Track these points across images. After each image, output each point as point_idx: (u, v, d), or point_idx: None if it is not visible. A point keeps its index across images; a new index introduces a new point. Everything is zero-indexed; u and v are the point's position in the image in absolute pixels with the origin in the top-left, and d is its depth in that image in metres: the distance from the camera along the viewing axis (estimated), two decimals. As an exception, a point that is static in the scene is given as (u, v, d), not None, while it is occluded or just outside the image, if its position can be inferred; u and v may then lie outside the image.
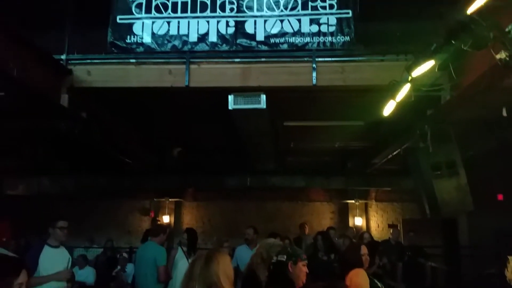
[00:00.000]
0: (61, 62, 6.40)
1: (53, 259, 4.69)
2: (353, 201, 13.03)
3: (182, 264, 5.72)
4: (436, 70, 4.55)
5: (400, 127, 7.07)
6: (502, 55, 3.29)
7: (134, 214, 13.70)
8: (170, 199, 13.32)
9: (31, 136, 8.17)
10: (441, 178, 5.94)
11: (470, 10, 3.20)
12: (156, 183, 12.13)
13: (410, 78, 4.58)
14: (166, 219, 13.19)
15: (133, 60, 6.43)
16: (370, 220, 13.39)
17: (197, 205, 13.85)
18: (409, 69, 4.43)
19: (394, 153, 8.31)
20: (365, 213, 13.33)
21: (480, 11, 3.27)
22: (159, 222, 12.59)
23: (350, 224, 12.82)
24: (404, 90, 4.88)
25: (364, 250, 4.13)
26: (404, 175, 9.14)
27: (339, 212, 13.51)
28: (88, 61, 6.50)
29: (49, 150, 9.41)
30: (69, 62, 6.44)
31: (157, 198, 13.33)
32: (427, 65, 4.29)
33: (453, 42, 3.57)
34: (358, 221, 12.95)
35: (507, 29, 3.50)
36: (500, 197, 9.19)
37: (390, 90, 5.08)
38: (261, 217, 12.29)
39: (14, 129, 7.36)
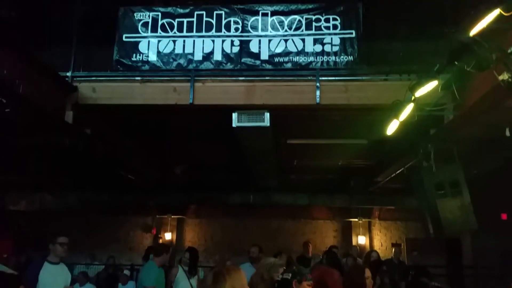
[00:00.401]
0: (67, 79, 6.47)
1: (53, 276, 4.66)
2: (356, 220, 12.94)
3: (184, 285, 5.68)
4: (439, 90, 4.57)
5: (404, 146, 7.07)
6: (504, 76, 3.31)
7: (136, 230, 13.64)
8: (172, 216, 13.26)
9: (35, 151, 8.19)
10: (444, 198, 5.91)
11: (473, 32, 3.24)
12: (158, 200, 12.11)
13: (413, 97, 4.60)
14: (168, 236, 13.11)
15: (138, 78, 6.51)
16: (374, 239, 13.27)
17: (199, 222, 13.78)
18: (413, 89, 4.46)
19: (398, 171, 8.29)
20: (369, 231, 13.22)
21: (482, 33, 3.31)
22: (160, 240, 12.53)
23: (354, 242, 12.70)
24: (408, 110, 4.90)
25: (368, 273, 4.08)
26: (408, 193, 9.10)
27: (342, 230, 13.41)
28: (93, 78, 6.58)
29: (53, 166, 9.43)
30: (75, 79, 6.52)
31: (160, 215, 13.27)
32: (430, 85, 4.31)
33: (456, 63, 3.59)
34: (362, 239, 12.83)
35: (509, 51, 3.53)
36: (504, 216, 9.12)
37: (393, 110, 5.10)
38: (263, 234, 12.21)
39: (19, 145, 7.39)
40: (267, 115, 6.11)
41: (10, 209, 12.10)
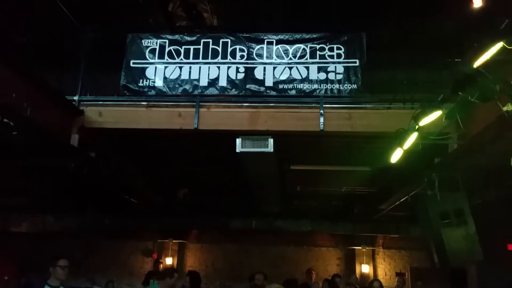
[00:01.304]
0: (74, 102, 6.56)
1: (52, 300, 4.61)
2: (360, 248, 12.77)
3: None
4: (444, 119, 4.60)
5: (408, 174, 7.05)
6: (509, 107, 3.34)
7: (136, 255, 13.49)
8: (173, 241, 13.14)
9: (39, 174, 8.22)
10: (449, 227, 5.85)
11: (477, 63, 3.28)
12: (160, 224, 12.03)
13: (417, 126, 4.62)
14: (168, 261, 12.96)
15: (144, 103, 6.58)
16: (378, 268, 13.05)
17: (201, 247, 13.64)
18: (417, 118, 4.49)
19: (402, 199, 8.24)
20: (373, 260, 13.02)
21: (486, 65, 3.35)
22: (161, 265, 12.38)
23: (357, 271, 12.50)
24: (412, 138, 4.92)
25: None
26: (412, 222, 9.02)
27: (345, 258, 13.22)
28: (100, 102, 6.67)
29: (56, 188, 9.43)
30: (81, 103, 6.61)
31: (161, 239, 13.16)
32: (435, 115, 4.34)
33: (460, 93, 3.63)
34: (365, 268, 12.63)
35: (513, 82, 3.57)
36: (510, 247, 8.97)
37: (397, 138, 5.12)
38: (266, 261, 12.05)
39: (23, 167, 7.43)
40: (270, 141, 6.14)
41: (12, 230, 12.04)
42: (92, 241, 12.88)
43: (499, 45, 3.06)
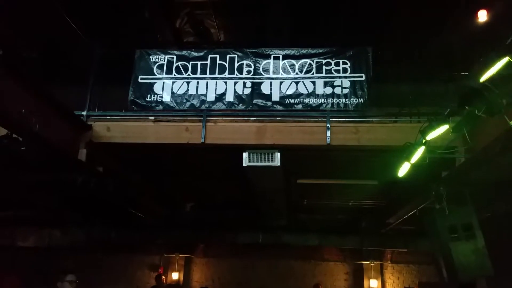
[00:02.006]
0: (82, 117, 6.62)
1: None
2: (368, 262, 12.62)
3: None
4: (450, 133, 4.59)
5: (415, 188, 7.02)
6: (516, 121, 3.33)
7: (143, 269, 13.42)
8: (180, 255, 13.08)
9: (46, 188, 8.27)
10: (458, 241, 5.79)
11: (483, 78, 3.30)
12: (167, 238, 11.99)
13: (424, 140, 4.61)
14: (175, 276, 12.87)
15: (152, 118, 6.64)
16: (386, 283, 12.87)
17: (207, 261, 13.55)
18: (424, 132, 4.49)
19: (410, 213, 8.17)
20: (381, 275, 12.85)
21: (492, 79, 3.36)
22: (164, 279, 12.29)
23: (365, 286, 12.34)
24: (419, 153, 4.91)
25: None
26: (421, 236, 8.94)
27: (353, 273, 13.05)
28: (108, 117, 6.73)
29: (63, 203, 9.47)
30: (89, 117, 6.67)
31: (167, 253, 13.10)
32: (441, 129, 4.34)
33: (466, 107, 3.63)
34: (374, 283, 12.45)
35: (519, 95, 3.57)
36: (521, 261, 8.83)
37: (404, 152, 5.11)
38: (273, 276, 11.95)
39: (30, 181, 7.48)
40: (277, 155, 6.16)
41: (19, 245, 12.06)
42: (98, 255, 12.84)
43: (504, 60, 3.07)
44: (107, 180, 7.14)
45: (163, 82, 6.85)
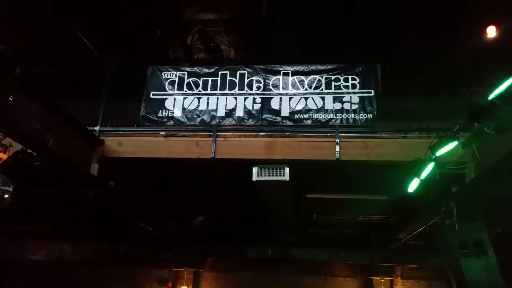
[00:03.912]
0: (94, 133, 6.73)
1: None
2: (378, 278, 12.49)
3: None
4: (460, 150, 4.61)
5: (425, 203, 6.99)
6: (525, 138, 3.35)
7: (152, 283, 13.42)
8: (189, 269, 13.06)
9: (58, 202, 8.37)
10: (469, 257, 5.74)
11: (492, 96, 3.33)
12: (176, 252, 12.00)
13: (434, 157, 4.63)
14: (183, 290, 12.84)
15: (163, 133, 6.73)
16: (396, 299, 12.72)
17: (216, 276, 13.50)
18: (433, 148, 4.51)
19: (420, 229, 8.12)
20: (391, 291, 12.70)
21: (501, 96, 3.39)
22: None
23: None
24: (428, 168, 4.92)
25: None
26: (431, 251, 8.85)
27: (363, 289, 12.93)
28: (120, 132, 6.83)
29: (74, 216, 9.55)
30: (102, 133, 6.78)
31: (176, 267, 13.09)
32: (451, 146, 4.36)
33: (475, 124, 3.66)
34: (384, 299, 12.32)
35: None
36: (534, 278, 8.68)
37: (414, 168, 5.12)
38: (281, 291, 11.87)
39: (42, 195, 7.57)
40: (287, 169, 6.19)
41: (29, 258, 12.14)
42: (108, 269, 12.88)
43: (512, 79, 3.12)
44: (118, 194, 7.21)
45: (174, 98, 6.96)
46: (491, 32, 6.50)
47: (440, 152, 4.53)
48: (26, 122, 5.12)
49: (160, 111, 6.91)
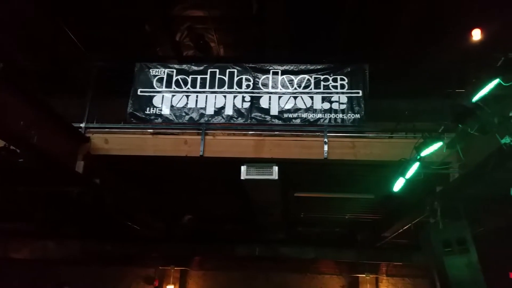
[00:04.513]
0: (80, 130, 6.65)
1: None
2: (363, 275, 12.62)
3: None
4: (444, 150, 4.69)
5: (410, 202, 7.09)
6: (507, 139, 3.43)
7: (138, 282, 13.33)
8: (175, 268, 13.01)
9: (42, 200, 8.26)
10: (451, 255, 5.85)
11: (476, 98, 3.40)
12: (162, 250, 11.95)
13: (419, 157, 4.71)
14: (170, 288, 12.79)
15: (150, 130, 6.69)
16: (381, 296, 12.87)
17: (203, 274, 13.47)
18: (418, 149, 4.58)
19: (405, 227, 8.23)
20: (376, 288, 12.85)
21: (485, 98, 3.47)
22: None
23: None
24: (414, 168, 4.99)
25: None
26: (416, 249, 8.97)
27: (349, 286, 13.01)
28: (106, 129, 6.77)
29: (59, 214, 9.45)
30: (88, 130, 6.70)
31: (163, 266, 13.03)
32: (435, 146, 4.44)
33: (460, 125, 3.74)
34: (369, 296, 12.45)
35: (511, 114, 3.68)
36: (512, 275, 8.88)
37: (399, 168, 5.20)
38: (269, 289, 11.91)
39: (26, 193, 7.48)
40: (275, 168, 6.22)
41: (12, 257, 11.96)
42: (93, 268, 12.75)
43: (496, 81, 3.18)
44: (104, 192, 7.15)
45: (163, 95, 6.91)
46: (476, 34, 6.62)
47: (425, 152, 4.61)
48: (10, 119, 5.04)
49: (148, 108, 6.86)
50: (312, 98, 6.70)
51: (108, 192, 7.34)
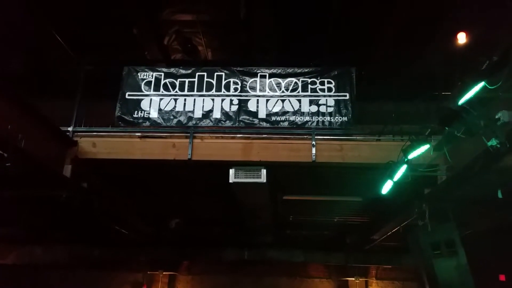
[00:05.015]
0: (68, 133, 6.59)
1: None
2: (353, 279, 12.66)
3: None
4: (431, 153, 4.73)
5: (399, 205, 7.13)
6: (493, 142, 3.46)
7: (126, 287, 13.22)
8: (164, 272, 12.92)
9: (29, 204, 8.15)
10: (440, 258, 5.90)
11: (461, 101, 3.43)
12: (150, 255, 11.86)
13: (406, 159, 4.73)
14: (159, 293, 12.70)
15: (138, 134, 6.64)
16: (371, 299, 12.92)
17: (191, 279, 13.41)
18: (406, 151, 4.61)
19: (394, 230, 8.27)
20: (366, 291, 12.89)
21: (470, 101, 3.50)
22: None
23: (351, 303, 12.36)
24: (401, 171, 5.02)
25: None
26: (405, 252, 9.01)
27: (338, 289, 13.08)
28: (94, 133, 6.71)
29: (46, 219, 9.32)
30: (75, 133, 6.64)
31: (151, 271, 12.93)
32: (423, 149, 4.47)
33: (446, 128, 3.77)
34: (358, 299, 12.49)
35: (496, 117, 3.72)
36: (502, 277, 8.97)
37: (387, 170, 5.22)
38: (258, 293, 11.88)
39: (13, 197, 7.37)
40: (263, 171, 6.22)
41: (-2, 262, 11.78)
42: (81, 272, 12.62)
43: (481, 84, 3.22)
44: (92, 196, 7.08)
45: (151, 99, 6.88)
46: (461, 38, 6.70)
47: (412, 155, 4.65)
48: (-3, 122, 4.97)
49: (136, 111, 6.81)
50: (299, 101, 6.73)
51: (96, 196, 7.25)
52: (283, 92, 6.81)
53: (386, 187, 5.69)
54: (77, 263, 12.19)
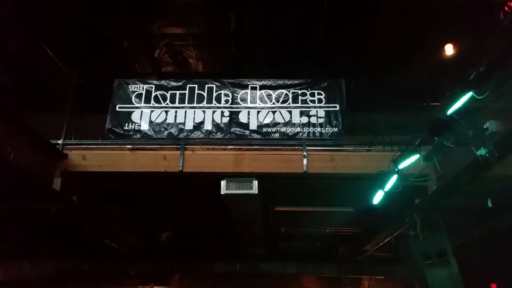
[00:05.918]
0: (57, 146, 6.52)
1: None
2: (346, 290, 12.60)
3: None
4: (421, 162, 4.76)
5: (390, 215, 7.15)
6: (482, 151, 3.51)
7: (116, 302, 13.00)
8: (155, 286, 12.74)
9: (18, 218, 8.03)
10: (432, 267, 5.91)
11: (450, 111, 3.48)
12: (141, 268, 11.71)
13: (396, 169, 4.76)
14: (150, 308, 12.50)
15: (129, 146, 6.61)
16: (364, 310, 12.85)
17: (183, 292, 13.24)
18: (396, 161, 4.64)
19: (386, 240, 8.28)
20: (358, 302, 12.83)
21: (459, 111, 3.55)
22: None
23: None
24: (392, 181, 5.05)
25: None
26: (397, 262, 9.00)
27: (332, 301, 13.00)
28: (84, 146, 6.65)
29: (35, 233, 9.18)
30: (65, 146, 6.58)
31: (141, 285, 12.75)
32: (413, 159, 4.50)
33: (436, 138, 3.81)
34: (351, 311, 12.41)
35: (485, 126, 3.78)
36: (493, 286, 9.01)
37: (378, 180, 5.24)
38: (250, 306, 11.76)
39: (1, 211, 7.26)
40: (255, 182, 6.20)
41: (-16, 278, 11.52)
42: (70, 286, 12.38)
43: (469, 94, 3.27)
44: (82, 209, 7.00)
45: (141, 111, 6.86)
46: (449, 49, 6.83)
47: (403, 165, 4.68)
48: (-16, 136, 4.92)
49: (127, 124, 6.78)
50: (290, 112, 6.76)
51: (86, 209, 7.18)
52: (273, 103, 6.84)
53: (377, 197, 5.71)
54: (66, 278, 11.96)
